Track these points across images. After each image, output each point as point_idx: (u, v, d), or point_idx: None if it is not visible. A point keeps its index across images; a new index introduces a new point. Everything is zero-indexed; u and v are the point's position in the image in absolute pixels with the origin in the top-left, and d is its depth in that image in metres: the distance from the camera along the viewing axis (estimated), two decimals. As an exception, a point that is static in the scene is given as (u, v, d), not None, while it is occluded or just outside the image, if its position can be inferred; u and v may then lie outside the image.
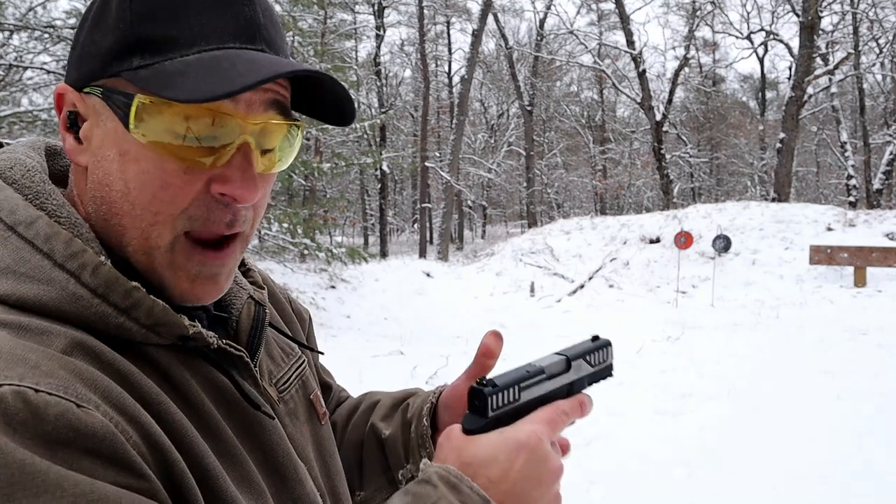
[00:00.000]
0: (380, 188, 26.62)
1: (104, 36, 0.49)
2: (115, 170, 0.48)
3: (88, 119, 0.50)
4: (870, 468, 3.65)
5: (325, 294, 11.03)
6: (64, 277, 0.46)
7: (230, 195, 0.49)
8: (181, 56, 0.47)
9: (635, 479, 3.66)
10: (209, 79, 0.45)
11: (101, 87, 0.49)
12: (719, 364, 6.25)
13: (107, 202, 0.49)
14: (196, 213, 0.49)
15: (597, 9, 29.52)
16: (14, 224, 0.47)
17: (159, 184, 0.48)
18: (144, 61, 0.47)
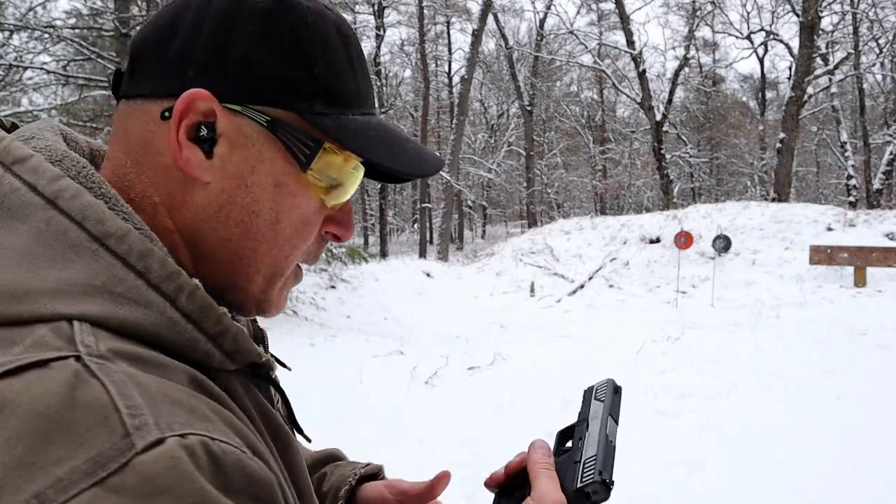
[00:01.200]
0: (380, 188, 26.64)
1: (280, 65, 0.49)
2: (268, 199, 0.50)
3: (226, 137, 0.48)
4: (870, 468, 3.66)
5: (325, 294, 11.04)
6: (161, 301, 0.43)
7: (339, 235, 0.56)
8: (352, 114, 0.52)
9: (635, 479, 3.66)
10: (399, 154, 0.54)
11: (265, 114, 0.49)
12: (719, 364, 6.25)
13: (245, 224, 0.50)
14: (312, 248, 0.55)
15: (597, 9, 29.55)
16: (102, 236, 0.42)
17: (304, 220, 0.52)
18: (326, 110, 0.50)
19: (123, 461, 0.33)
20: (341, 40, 0.52)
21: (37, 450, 0.33)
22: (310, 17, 0.50)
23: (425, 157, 0.56)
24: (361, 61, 0.54)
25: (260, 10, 0.49)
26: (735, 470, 3.74)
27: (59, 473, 0.32)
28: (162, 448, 0.34)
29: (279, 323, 8.55)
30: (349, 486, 0.71)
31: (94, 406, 0.35)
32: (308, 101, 0.50)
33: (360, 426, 4.36)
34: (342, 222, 0.56)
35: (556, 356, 6.73)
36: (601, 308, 11.42)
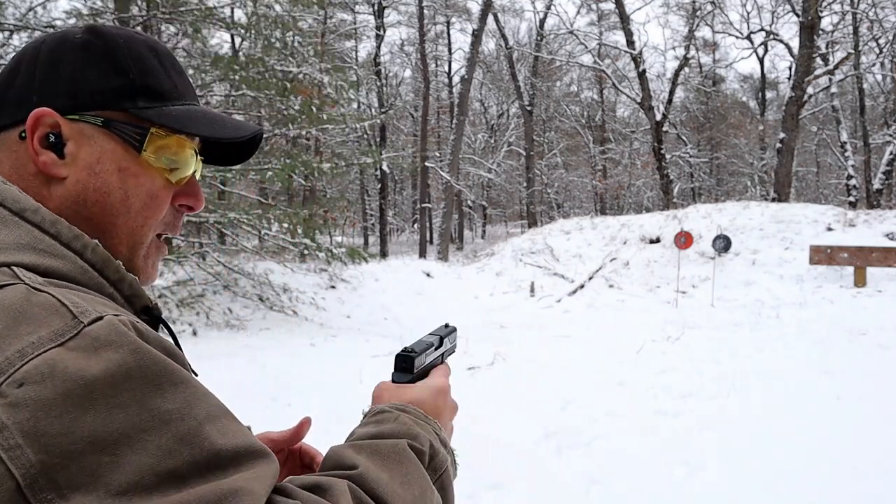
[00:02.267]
0: (380, 188, 26.63)
1: (103, 78, 0.62)
2: (115, 181, 0.62)
3: (72, 140, 0.61)
4: (870, 468, 3.66)
5: (325, 294, 11.03)
6: (72, 255, 0.56)
7: (189, 205, 0.69)
8: (172, 105, 0.66)
9: (636, 479, 3.66)
10: (218, 126, 0.67)
11: (100, 117, 0.62)
12: (719, 364, 6.25)
13: (101, 204, 0.62)
14: (167, 218, 0.68)
15: (597, 9, 29.53)
16: (20, 211, 0.56)
17: (150, 195, 0.64)
18: (147, 104, 0.64)
19: (76, 332, 0.47)
20: (152, 53, 0.66)
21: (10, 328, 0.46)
22: (120, 40, 0.64)
23: (244, 126, 0.70)
24: (175, 67, 0.68)
25: (79, 42, 0.63)
26: (735, 470, 3.74)
27: (31, 339, 0.45)
28: (102, 321, 0.48)
29: (279, 323, 8.56)
30: None
31: (46, 303, 0.48)
32: (131, 100, 0.63)
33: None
34: (190, 194, 0.69)
35: (556, 356, 6.73)
36: (601, 308, 11.42)
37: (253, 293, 9.42)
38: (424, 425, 0.69)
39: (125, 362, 0.46)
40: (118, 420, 0.44)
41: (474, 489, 3.52)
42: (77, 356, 0.45)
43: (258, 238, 10.18)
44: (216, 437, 0.47)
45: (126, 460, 0.43)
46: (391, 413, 0.69)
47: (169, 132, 0.64)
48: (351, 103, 14.61)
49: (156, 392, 0.46)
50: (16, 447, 0.42)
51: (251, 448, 0.49)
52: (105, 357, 0.46)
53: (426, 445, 0.66)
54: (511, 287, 13.52)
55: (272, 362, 6.13)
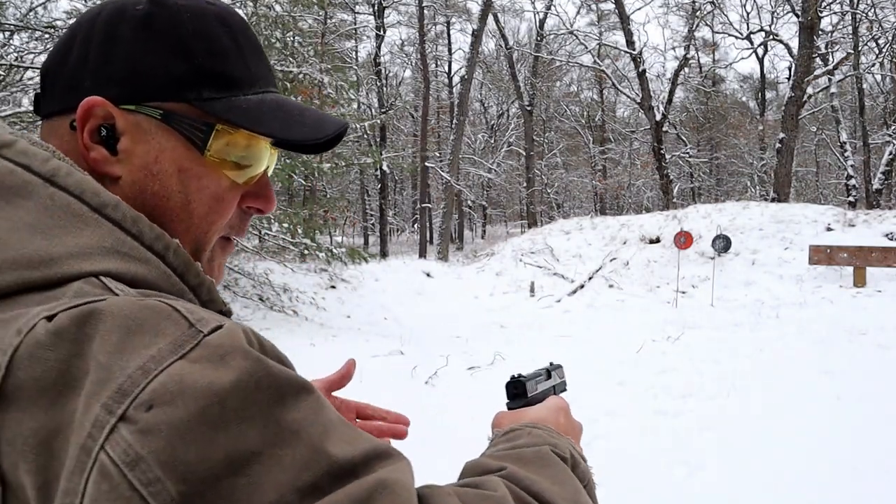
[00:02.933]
0: (380, 188, 26.63)
1: (163, 61, 0.54)
2: (175, 183, 0.55)
3: (127, 134, 0.54)
4: (870, 468, 3.66)
5: (326, 294, 11.04)
6: (155, 258, 0.51)
7: (260, 208, 0.62)
8: (243, 95, 0.57)
9: (636, 479, 3.66)
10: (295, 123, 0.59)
11: (158, 108, 0.54)
12: (719, 364, 6.25)
13: (160, 209, 0.55)
14: (233, 222, 0.61)
15: (597, 9, 29.53)
16: (100, 206, 0.50)
17: (216, 198, 0.57)
18: (215, 94, 0.56)
19: (196, 342, 0.42)
20: (224, 30, 0.57)
21: (123, 340, 0.41)
22: (186, 14, 0.55)
23: (325, 123, 0.61)
24: (251, 45, 0.59)
25: (139, 16, 0.55)
26: (735, 470, 3.74)
27: (151, 353, 0.41)
28: (222, 330, 0.43)
29: (279, 323, 8.55)
30: None
31: (159, 309, 0.43)
32: (195, 90, 0.55)
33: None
34: (260, 195, 0.62)
35: (556, 356, 6.72)
36: (601, 308, 11.42)
37: (253, 293, 9.42)
38: (560, 437, 0.65)
39: (255, 371, 0.42)
40: (251, 436, 0.40)
41: (474, 489, 3.53)
42: (202, 368, 0.40)
43: (258, 238, 10.18)
44: (342, 444, 0.44)
45: (264, 479, 0.39)
46: (522, 430, 0.65)
47: (236, 128, 0.57)
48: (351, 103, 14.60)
49: (282, 403, 0.42)
50: (155, 481, 0.37)
51: (380, 449, 0.46)
52: (235, 366, 0.41)
53: (567, 453, 0.62)
54: (511, 287, 13.52)
55: (272, 362, 6.12)
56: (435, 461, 4.08)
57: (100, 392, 0.39)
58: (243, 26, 0.59)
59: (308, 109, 0.62)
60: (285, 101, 0.60)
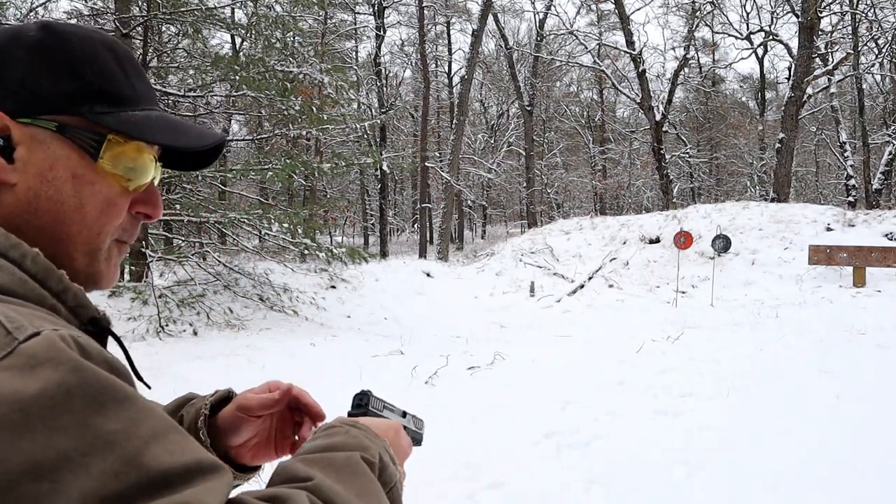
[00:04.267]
0: (380, 188, 26.63)
1: (57, 81, 0.59)
2: (69, 189, 0.59)
3: (23, 144, 0.58)
4: (870, 468, 3.66)
5: (326, 294, 11.04)
6: (9, 265, 0.53)
7: (148, 213, 0.67)
8: (131, 110, 0.63)
9: (635, 479, 3.67)
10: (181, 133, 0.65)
11: (53, 121, 0.59)
12: (719, 364, 6.25)
13: (53, 212, 0.59)
14: (125, 225, 0.65)
15: (596, 9, 29.53)
16: None
17: (107, 202, 0.62)
18: (104, 109, 0.61)
19: (9, 350, 0.44)
20: (110, 54, 0.63)
21: None
22: (75, 40, 0.62)
23: (207, 134, 0.67)
24: (135, 69, 0.66)
25: (32, 42, 0.60)
26: (735, 470, 3.75)
27: None
28: (38, 337, 0.45)
29: (280, 323, 8.56)
30: (204, 416, 0.78)
31: None
32: (88, 104, 0.60)
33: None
34: (148, 202, 0.66)
35: (556, 356, 6.74)
36: (601, 308, 11.43)
37: (253, 293, 9.42)
38: (375, 439, 0.68)
39: (65, 381, 0.43)
40: (58, 444, 0.41)
41: (474, 489, 3.53)
42: (11, 376, 0.42)
43: (258, 238, 10.19)
44: (163, 455, 0.45)
45: (68, 486, 0.40)
46: (341, 427, 0.68)
47: (127, 139, 0.62)
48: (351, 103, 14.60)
49: (98, 412, 0.43)
50: None
51: (201, 463, 0.47)
52: (43, 376, 0.42)
53: (376, 457, 0.65)
54: (511, 287, 13.53)
55: (272, 362, 6.13)
56: (435, 461, 4.09)
57: None
58: (127, 53, 0.67)
59: (190, 124, 0.69)
60: (169, 117, 0.67)
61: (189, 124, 0.68)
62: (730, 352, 6.82)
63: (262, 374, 5.73)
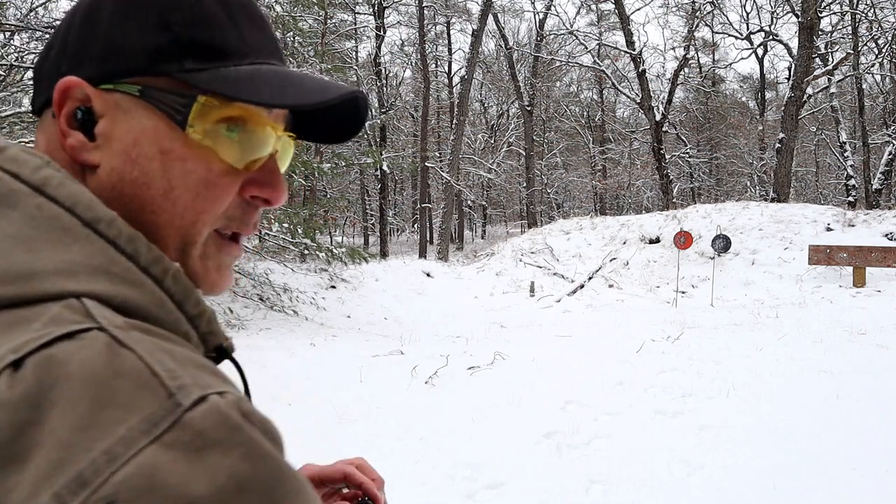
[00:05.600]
0: (380, 188, 26.63)
1: (142, 34, 0.49)
2: (156, 168, 0.48)
3: (106, 116, 0.49)
4: (870, 468, 3.67)
5: (326, 294, 11.04)
6: (150, 282, 0.45)
7: (265, 197, 0.53)
8: (234, 65, 0.50)
9: (635, 479, 3.67)
10: (289, 88, 0.50)
11: (136, 84, 0.49)
12: (719, 364, 6.26)
13: (141, 199, 0.49)
14: (233, 213, 0.52)
15: (596, 9, 29.55)
16: (93, 221, 0.44)
17: (204, 183, 0.49)
18: (199, 65, 0.49)
19: (174, 419, 0.35)
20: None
21: (93, 412, 0.34)
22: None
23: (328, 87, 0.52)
24: (247, 13, 0.53)
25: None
26: (735, 470, 3.75)
27: (121, 432, 0.34)
28: (206, 405, 0.36)
29: (280, 323, 8.56)
30: None
31: (134, 371, 0.36)
32: (177, 61, 0.49)
33: (360, 426, 4.37)
34: (266, 183, 0.53)
35: (556, 356, 6.74)
36: (601, 308, 11.43)
37: (253, 293, 9.43)
38: None
39: (237, 472, 0.35)
40: None
41: (474, 489, 3.53)
42: (177, 460, 0.34)
43: (258, 238, 10.18)
44: None
45: None
46: None
47: (223, 100, 0.49)
48: (351, 103, 14.60)
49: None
50: None
51: None
52: (212, 464, 0.34)
53: None
54: (511, 287, 13.53)
55: (272, 362, 6.13)
56: (435, 461, 4.10)
57: (54, 476, 0.32)
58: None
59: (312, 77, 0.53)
60: (284, 70, 0.53)
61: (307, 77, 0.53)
62: (730, 352, 6.82)
63: (262, 373, 5.74)
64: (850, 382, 5.33)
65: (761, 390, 5.29)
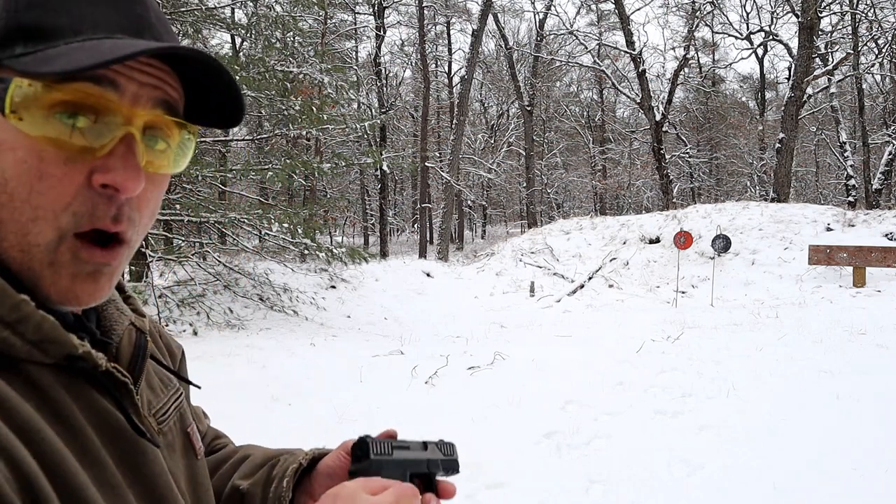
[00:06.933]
0: (380, 188, 26.64)
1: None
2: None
3: None
4: (870, 468, 3.67)
5: (326, 294, 11.04)
6: None
7: (112, 184, 0.47)
8: (65, 44, 0.46)
9: (635, 479, 3.67)
10: (83, 55, 0.44)
11: None
12: (719, 364, 6.26)
13: None
14: (80, 208, 0.47)
15: (596, 9, 29.55)
16: None
17: (37, 174, 0.45)
18: (27, 49, 0.46)
19: None
20: None
21: None
22: None
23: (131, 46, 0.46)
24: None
25: None
26: (735, 470, 3.75)
27: None
28: None
29: (280, 323, 8.56)
30: (298, 465, 0.72)
31: None
32: (9, 47, 0.46)
33: (360, 426, 4.37)
34: (109, 168, 0.47)
35: (555, 356, 6.74)
36: (601, 308, 11.43)
37: (253, 293, 9.43)
38: None
39: None
40: None
41: (474, 489, 3.53)
42: None
43: (258, 238, 10.18)
44: None
45: None
46: None
47: (38, 79, 0.45)
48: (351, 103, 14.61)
49: None
50: None
51: None
52: None
53: None
54: (511, 287, 13.53)
55: (272, 362, 6.13)
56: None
57: None
58: None
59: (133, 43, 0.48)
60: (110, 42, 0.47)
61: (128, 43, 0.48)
62: (730, 352, 6.82)
63: (262, 373, 5.74)
64: (850, 382, 5.33)
65: (761, 390, 5.29)
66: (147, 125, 0.50)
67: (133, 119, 0.48)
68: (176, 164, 0.53)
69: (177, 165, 0.54)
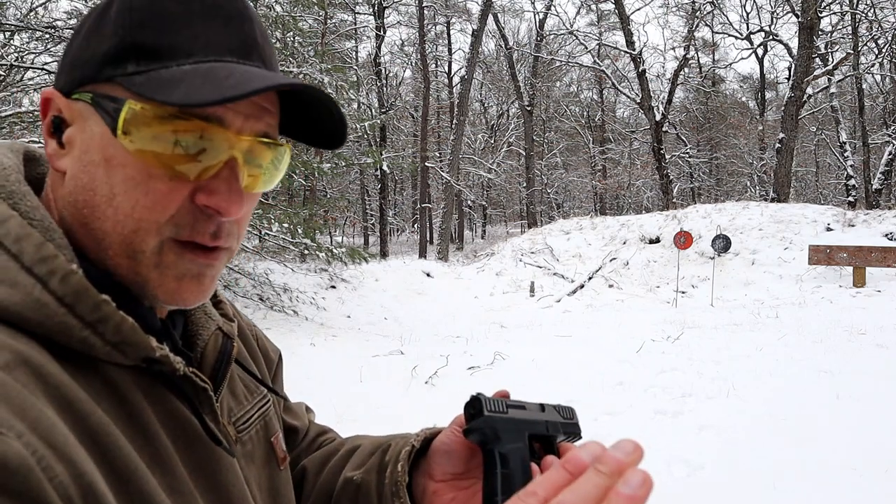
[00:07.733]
0: (380, 188, 26.64)
1: (100, 42, 0.49)
2: (101, 175, 0.48)
3: (74, 124, 0.49)
4: (870, 468, 3.67)
5: (326, 294, 11.04)
6: (30, 282, 0.43)
7: (214, 207, 0.49)
8: (177, 65, 0.48)
9: (635, 478, 3.67)
10: (204, 86, 0.46)
11: (90, 91, 0.49)
12: (719, 364, 6.26)
13: (90, 206, 0.48)
14: (182, 220, 0.49)
15: (596, 9, 29.55)
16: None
17: (143, 190, 0.47)
18: (139, 67, 0.47)
19: None
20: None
21: None
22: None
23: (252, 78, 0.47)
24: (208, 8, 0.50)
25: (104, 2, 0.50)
26: (735, 470, 3.75)
27: None
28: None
29: (280, 322, 8.56)
30: (411, 447, 0.70)
31: None
32: (120, 65, 0.48)
33: (360, 426, 4.36)
34: (212, 191, 0.49)
35: (555, 356, 6.74)
36: (601, 308, 11.43)
37: (253, 293, 9.43)
38: None
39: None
40: None
41: (474, 489, 3.53)
42: None
43: (258, 238, 10.18)
44: None
45: None
46: None
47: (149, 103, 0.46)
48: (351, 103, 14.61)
49: None
50: None
51: None
52: None
53: None
54: (511, 287, 13.53)
55: (272, 362, 6.13)
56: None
57: None
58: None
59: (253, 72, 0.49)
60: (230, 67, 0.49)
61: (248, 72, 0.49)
62: (730, 352, 6.82)
63: (262, 373, 5.74)
64: (850, 382, 5.33)
65: (762, 390, 5.29)
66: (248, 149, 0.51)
67: (237, 143, 0.50)
68: (272, 181, 0.55)
69: (272, 182, 0.55)
